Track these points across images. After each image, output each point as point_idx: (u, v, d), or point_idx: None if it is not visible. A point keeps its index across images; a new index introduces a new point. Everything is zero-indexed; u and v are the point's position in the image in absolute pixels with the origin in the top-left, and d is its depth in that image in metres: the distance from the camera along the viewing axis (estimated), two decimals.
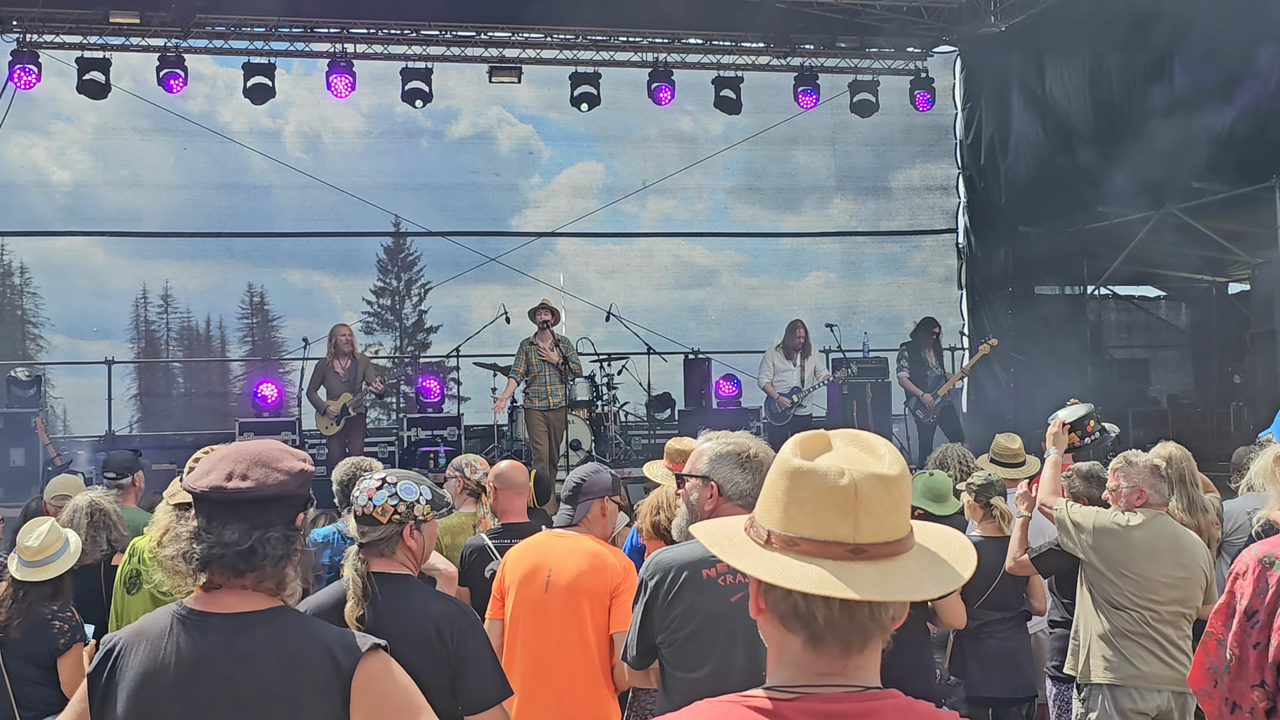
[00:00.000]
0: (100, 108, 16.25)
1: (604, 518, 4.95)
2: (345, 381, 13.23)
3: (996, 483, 6.86)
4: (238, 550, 2.61)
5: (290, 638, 2.64)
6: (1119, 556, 5.74)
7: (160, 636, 2.62)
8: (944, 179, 19.50)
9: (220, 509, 2.64)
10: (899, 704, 1.79)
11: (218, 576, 2.64)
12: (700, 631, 3.74)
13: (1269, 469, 3.24)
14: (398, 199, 17.75)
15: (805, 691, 1.77)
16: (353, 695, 2.59)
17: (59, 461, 12.82)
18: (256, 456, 2.70)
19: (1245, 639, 2.89)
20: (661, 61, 17.50)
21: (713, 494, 3.81)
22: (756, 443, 3.97)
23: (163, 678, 2.58)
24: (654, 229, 19.39)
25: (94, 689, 2.64)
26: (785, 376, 14.12)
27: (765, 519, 1.80)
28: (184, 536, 2.66)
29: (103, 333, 17.49)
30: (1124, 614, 5.73)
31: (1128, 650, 5.71)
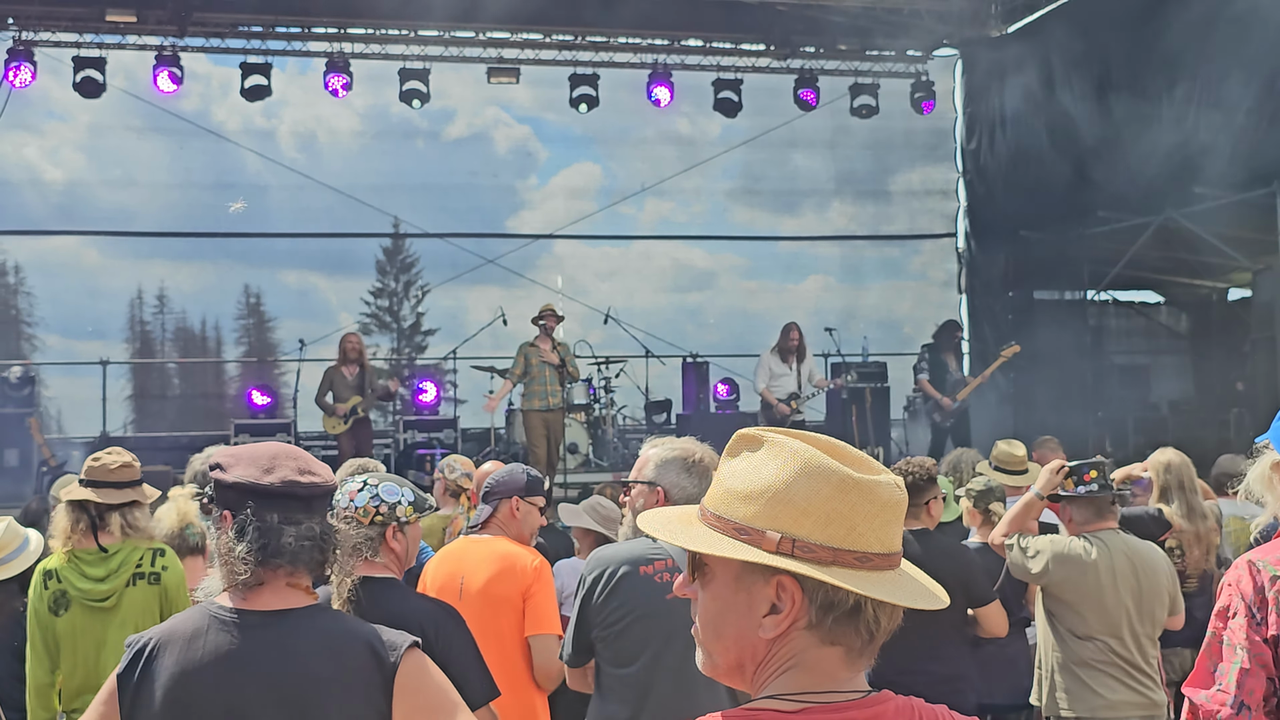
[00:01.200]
0: (93, 106, 16.20)
1: (514, 518, 4.87)
2: (353, 387, 13.43)
3: (996, 489, 6.80)
4: (312, 542, 2.67)
5: (332, 634, 2.66)
6: (1081, 585, 5.46)
7: (197, 634, 2.61)
8: (944, 183, 19.47)
9: (294, 504, 2.66)
10: (898, 705, 1.77)
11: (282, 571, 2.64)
12: (633, 627, 3.80)
13: (1266, 475, 3.17)
14: (394, 199, 17.72)
15: (811, 701, 1.73)
16: (396, 691, 2.60)
17: (53, 462, 12.77)
18: (300, 455, 2.75)
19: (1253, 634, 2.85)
20: (661, 63, 17.45)
21: (659, 499, 3.85)
22: (702, 447, 4.02)
23: (204, 674, 2.57)
24: (652, 231, 19.38)
25: (124, 688, 2.61)
26: (782, 381, 14.01)
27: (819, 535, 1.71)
28: (250, 533, 2.64)
29: (97, 333, 17.46)
30: (1089, 643, 5.48)
31: (1094, 681, 5.47)
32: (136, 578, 4.72)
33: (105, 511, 4.80)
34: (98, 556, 4.73)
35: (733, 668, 1.79)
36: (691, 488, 3.88)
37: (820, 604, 1.71)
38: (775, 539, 1.70)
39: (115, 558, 4.73)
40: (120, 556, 4.73)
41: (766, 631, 1.73)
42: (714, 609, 1.78)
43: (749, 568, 1.73)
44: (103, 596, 4.69)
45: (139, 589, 4.72)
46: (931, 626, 5.36)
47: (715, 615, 1.78)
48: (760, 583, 1.73)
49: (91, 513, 4.80)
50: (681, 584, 1.83)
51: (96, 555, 4.73)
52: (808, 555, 1.69)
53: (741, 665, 1.78)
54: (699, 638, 1.81)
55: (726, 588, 1.76)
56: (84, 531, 4.78)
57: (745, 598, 1.74)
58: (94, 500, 4.78)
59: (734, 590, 1.75)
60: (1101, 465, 5.63)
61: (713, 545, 1.74)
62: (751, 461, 1.78)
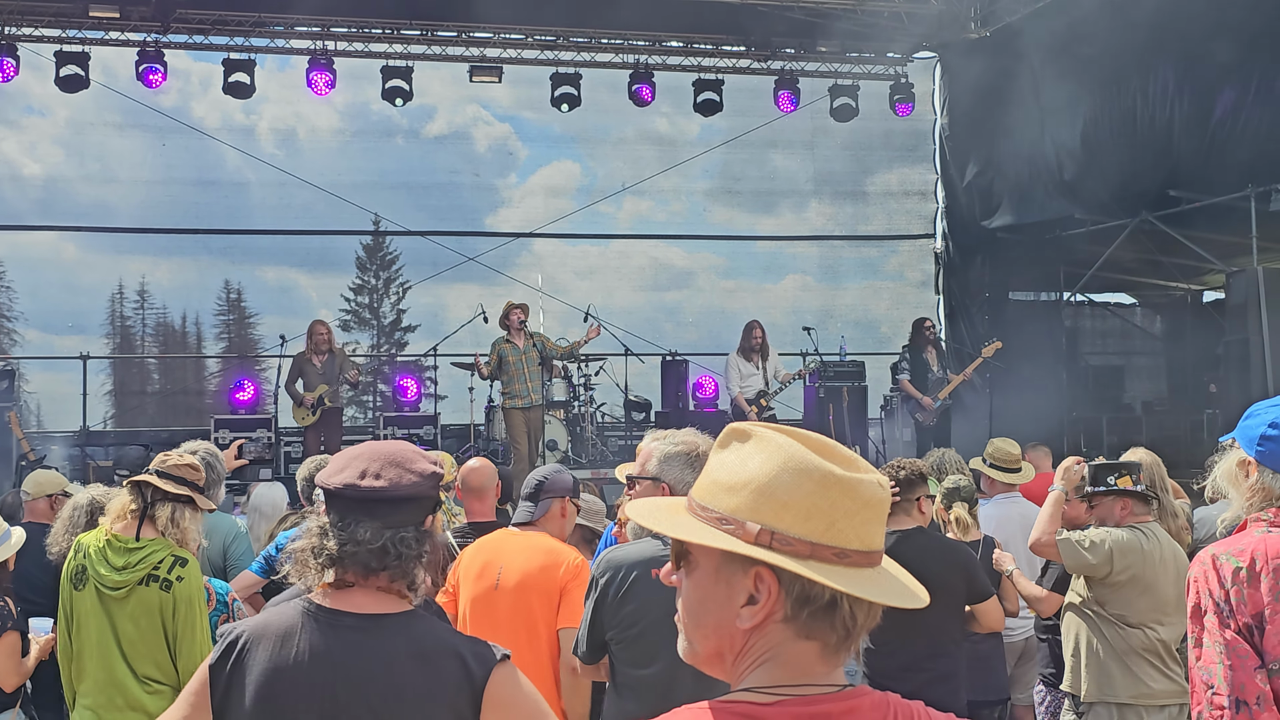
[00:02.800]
0: (71, 102, 16.19)
1: (563, 518, 4.91)
2: (322, 375, 13.37)
3: (964, 489, 6.89)
4: (370, 549, 2.61)
5: (425, 642, 2.64)
6: (1141, 574, 5.57)
7: (291, 632, 2.61)
8: (922, 184, 19.59)
9: (354, 507, 2.64)
10: (874, 700, 1.78)
11: (349, 574, 2.64)
12: (650, 630, 3.76)
13: (1232, 472, 3.26)
14: (375, 197, 17.73)
15: (786, 694, 1.75)
16: (485, 704, 2.60)
17: (32, 457, 12.77)
18: (391, 457, 2.70)
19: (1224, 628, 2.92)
20: (642, 63, 17.52)
21: (664, 494, 3.82)
22: (705, 440, 3.97)
23: (296, 673, 2.57)
24: (630, 230, 19.40)
25: (216, 679, 2.62)
26: (751, 381, 14.05)
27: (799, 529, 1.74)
28: (314, 532, 2.67)
29: (77, 328, 17.43)
30: (1137, 632, 5.60)
31: (1139, 668, 5.58)
32: (150, 579, 4.70)
33: (158, 501, 4.81)
34: (125, 546, 4.73)
35: (712, 656, 1.82)
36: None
37: (796, 597, 1.73)
38: (755, 530, 1.73)
39: (139, 553, 4.72)
40: (144, 554, 4.73)
41: (744, 622, 1.75)
42: (695, 597, 1.82)
43: (729, 558, 1.75)
44: (114, 586, 4.69)
45: (150, 590, 4.70)
46: (936, 625, 5.45)
47: (696, 603, 1.82)
48: (739, 573, 1.75)
49: (146, 499, 4.82)
50: (667, 572, 1.87)
51: (125, 545, 4.73)
52: (785, 548, 1.72)
53: (721, 654, 1.81)
54: (681, 624, 1.84)
55: (707, 577, 1.79)
56: (133, 515, 4.79)
57: (725, 588, 1.77)
58: (153, 484, 4.80)
59: (714, 580, 1.78)
60: (1135, 468, 5.74)
61: (694, 534, 1.78)
62: (739, 454, 1.82)
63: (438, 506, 2.77)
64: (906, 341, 14.81)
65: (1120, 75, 14.60)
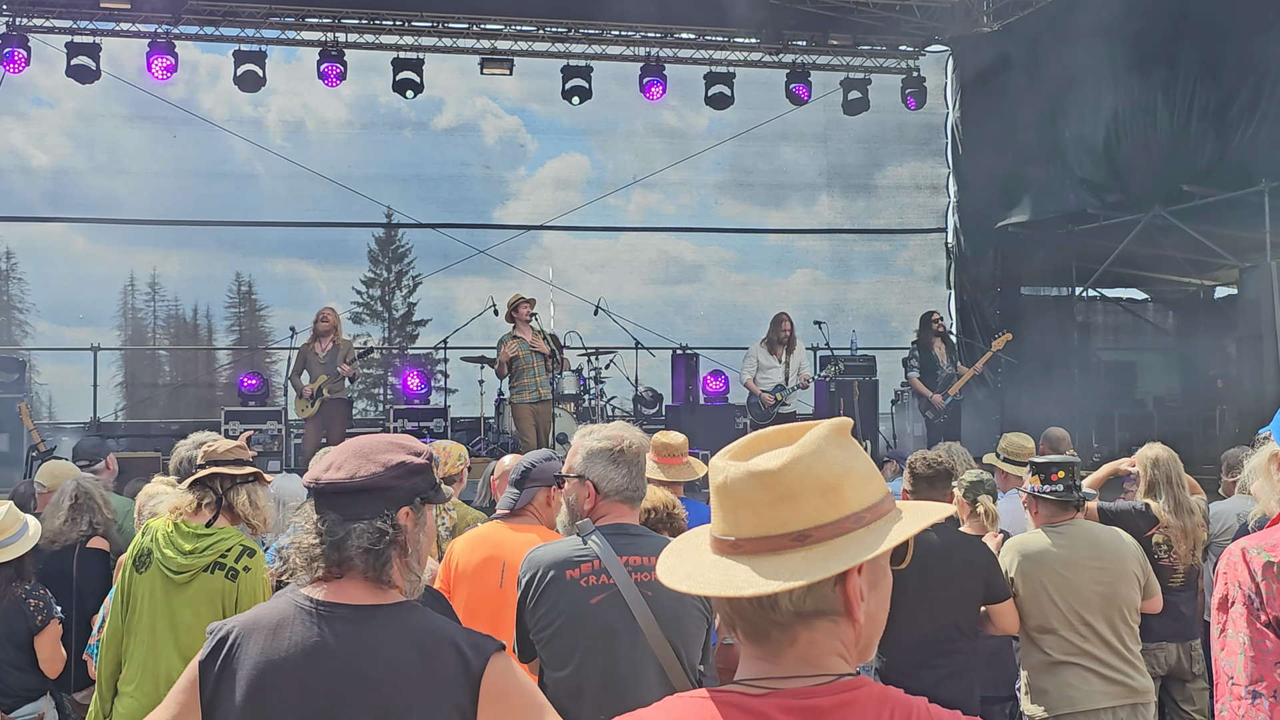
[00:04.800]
0: (79, 93, 16.19)
1: (549, 507, 4.75)
2: (324, 364, 13.16)
3: (986, 482, 6.85)
4: (331, 541, 2.59)
5: (419, 633, 2.61)
6: (1039, 577, 5.53)
7: (281, 625, 2.58)
8: (934, 178, 19.55)
9: (320, 501, 2.64)
10: (871, 692, 1.76)
11: (329, 568, 2.61)
12: (562, 632, 3.73)
13: (1264, 466, 3.22)
14: (384, 189, 17.74)
15: (775, 686, 1.75)
16: (482, 693, 2.57)
17: (43, 447, 12.76)
18: (359, 449, 2.68)
19: (1254, 620, 2.89)
20: (654, 56, 17.50)
21: (589, 492, 3.83)
22: (632, 433, 3.95)
23: (287, 665, 2.54)
24: (639, 223, 19.38)
25: (206, 675, 2.59)
26: (770, 374, 13.96)
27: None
28: (299, 528, 2.66)
29: (88, 319, 17.43)
30: (1053, 636, 5.54)
31: (1065, 675, 5.52)
32: (216, 566, 4.66)
33: (230, 489, 4.79)
34: (195, 531, 4.69)
35: None
36: (620, 479, 3.84)
37: None
38: None
39: (207, 539, 4.69)
40: (213, 540, 4.69)
41: None
42: None
43: None
44: (179, 569, 4.64)
45: (214, 578, 4.66)
46: (952, 622, 5.42)
47: None
48: None
49: (218, 490, 4.78)
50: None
51: (194, 530, 4.69)
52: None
53: None
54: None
55: None
56: (207, 507, 4.76)
57: None
58: (224, 474, 4.77)
59: None
60: (1071, 466, 5.68)
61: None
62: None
63: (421, 498, 2.71)
64: (915, 337, 14.75)
65: (1133, 69, 14.54)
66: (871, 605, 1.80)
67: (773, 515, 1.75)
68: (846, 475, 1.77)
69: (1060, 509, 5.65)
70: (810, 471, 1.76)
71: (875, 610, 1.81)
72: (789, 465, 1.76)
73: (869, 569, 1.78)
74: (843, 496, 1.76)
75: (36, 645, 5.64)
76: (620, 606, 3.61)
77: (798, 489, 1.75)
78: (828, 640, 1.77)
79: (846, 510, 1.75)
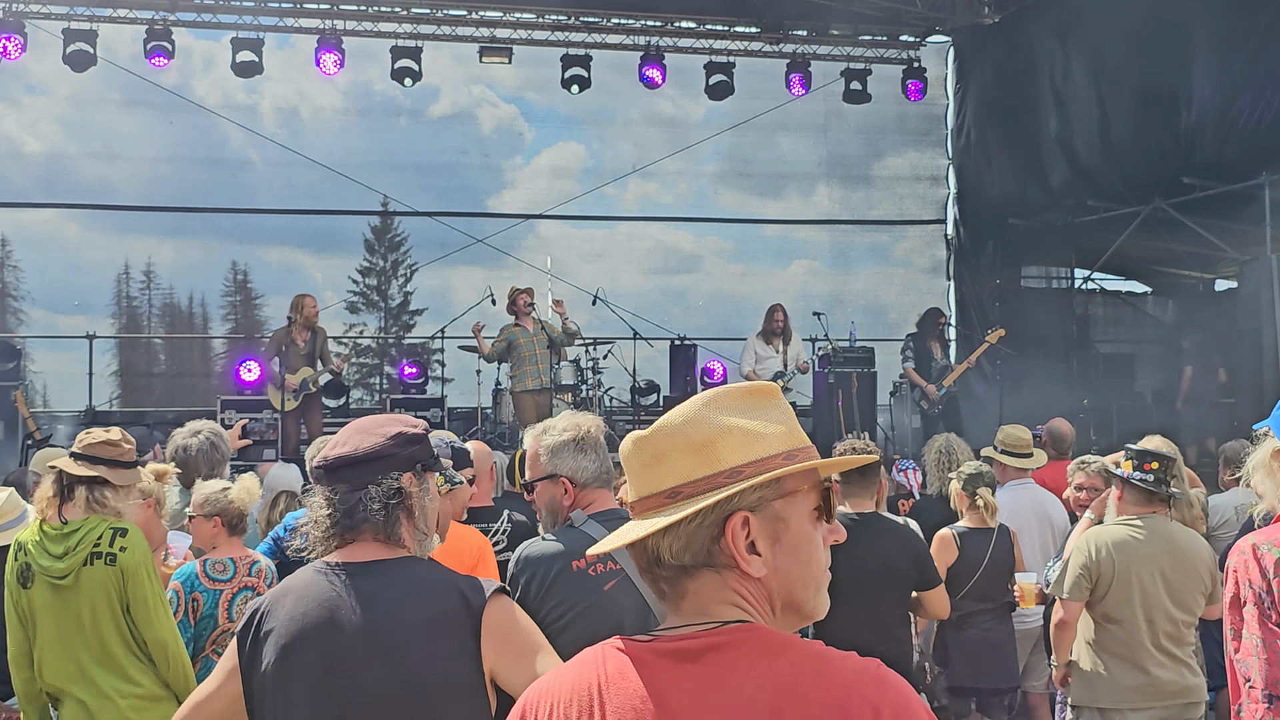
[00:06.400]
0: (72, 79, 16.10)
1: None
2: (305, 355, 12.97)
3: (986, 474, 6.83)
4: (342, 510, 2.84)
5: (423, 580, 2.85)
6: (1120, 566, 5.51)
7: (303, 589, 2.82)
8: (934, 169, 19.51)
9: (331, 475, 2.88)
10: (759, 636, 1.79)
11: (343, 535, 2.86)
12: (577, 621, 3.72)
13: (1266, 461, 3.19)
14: (380, 177, 17.65)
15: (662, 633, 1.83)
16: (483, 631, 2.78)
17: (38, 436, 12.75)
18: (360, 426, 2.95)
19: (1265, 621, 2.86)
20: (653, 45, 17.44)
21: (565, 488, 3.78)
22: (584, 419, 3.92)
23: (306, 623, 2.76)
24: (635, 213, 19.32)
25: (241, 645, 2.83)
26: (768, 364, 13.99)
27: None
28: (313, 505, 2.91)
29: (83, 307, 17.38)
30: (1119, 627, 5.53)
31: (1118, 669, 5.52)
32: (94, 557, 4.61)
33: (74, 484, 4.72)
34: (59, 532, 4.63)
35: None
36: (592, 465, 3.81)
37: None
38: None
39: (74, 535, 4.63)
40: (80, 534, 4.63)
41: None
42: None
43: None
44: (60, 574, 4.59)
45: (96, 569, 4.61)
46: (879, 606, 5.41)
47: None
48: None
49: (63, 483, 4.74)
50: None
51: (59, 531, 4.64)
52: None
53: None
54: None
55: None
56: (53, 502, 4.72)
57: None
58: (65, 470, 4.72)
59: None
60: (1168, 461, 5.63)
61: None
62: None
63: (422, 465, 2.95)
64: (913, 329, 14.75)
65: (1134, 60, 14.51)
66: (781, 560, 1.83)
67: (651, 476, 1.84)
68: (723, 434, 1.82)
69: (1145, 499, 5.61)
70: (678, 433, 1.84)
71: (786, 565, 1.84)
72: (658, 428, 1.86)
73: (765, 522, 1.82)
74: (716, 453, 1.82)
75: None
76: (631, 589, 3.61)
77: (666, 448, 1.84)
78: (716, 590, 1.82)
79: (720, 466, 1.81)
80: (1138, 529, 5.54)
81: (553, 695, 1.88)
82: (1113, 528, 5.64)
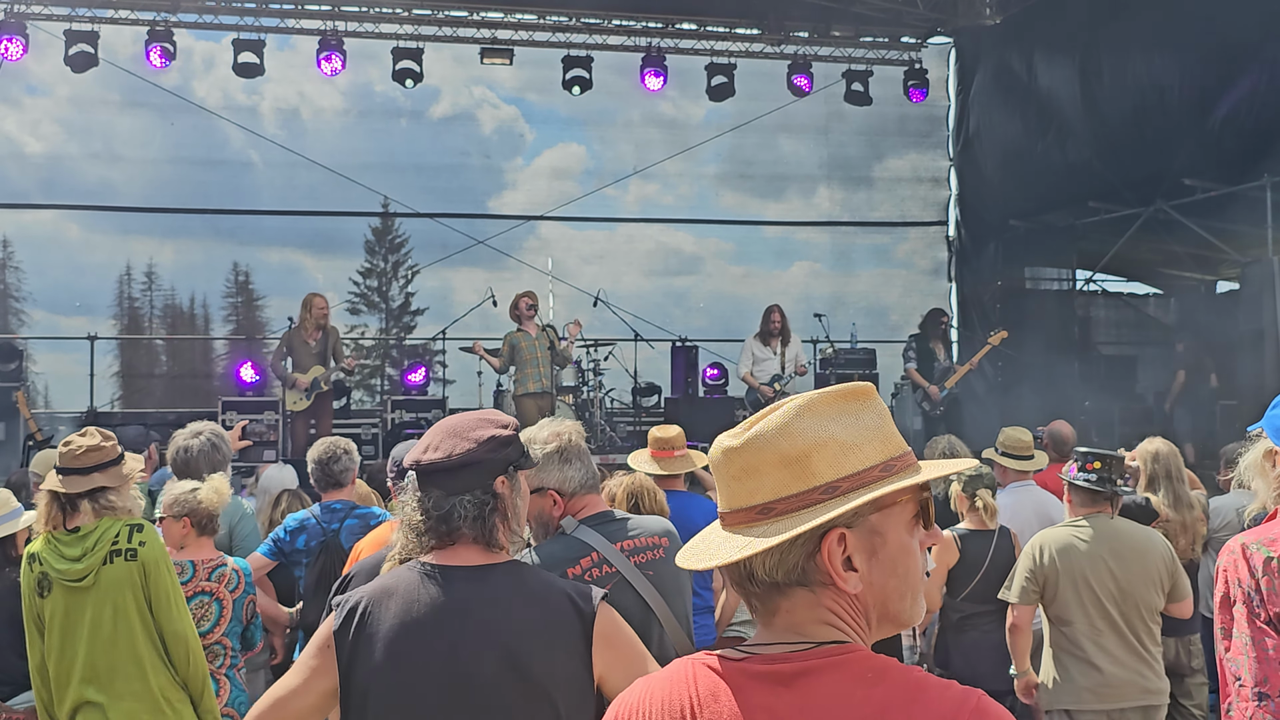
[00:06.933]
0: (72, 80, 16.10)
1: None
2: (316, 354, 12.86)
3: (986, 476, 6.82)
4: (436, 515, 2.84)
5: (535, 585, 2.87)
6: (1060, 567, 5.56)
7: (410, 590, 2.80)
8: (936, 170, 19.51)
9: (423, 479, 2.87)
10: (853, 659, 1.75)
11: (433, 538, 2.86)
12: None
13: (1258, 463, 3.21)
14: (381, 178, 17.66)
15: (755, 651, 1.79)
16: (595, 638, 2.81)
17: (39, 436, 12.74)
18: (452, 429, 2.92)
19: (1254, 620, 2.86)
20: (654, 46, 17.45)
21: (555, 500, 3.72)
22: (564, 425, 3.84)
23: (421, 624, 2.75)
24: (636, 214, 19.32)
25: (341, 643, 2.78)
26: (765, 365, 13.95)
27: None
28: (407, 506, 2.91)
29: (85, 308, 17.39)
30: (1070, 628, 5.58)
31: (1076, 670, 5.55)
32: (113, 555, 4.65)
33: (76, 499, 4.73)
34: (73, 536, 4.67)
35: None
36: (578, 474, 3.75)
37: None
38: None
39: (90, 536, 4.66)
40: (96, 535, 4.66)
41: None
42: None
43: None
44: (79, 576, 4.61)
45: (117, 566, 4.65)
46: None
47: None
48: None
49: (62, 500, 4.74)
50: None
51: (72, 535, 4.68)
52: None
53: None
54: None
55: None
56: (56, 517, 4.72)
57: None
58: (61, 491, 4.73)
59: None
60: (1110, 459, 5.67)
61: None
62: None
63: (514, 466, 2.94)
64: (915, 330, 14.74)
65: (1136, 61, 14.51)
66: (877, 575, 1.78)
67: (741, 489, 1.80)
68: (817, 446, 1.77)
69: (1090, 499, 5.66)
70: (770, 445, 1.77)
71: (881, 579, 1.79)
72: (750, 440, 1.79)
73: (862, 537, 1.77)
74: (810, 468, 1.76)
75: None
76: (629, 592, 3.60)
77: (758, 462, 1.78)
78: (809, 609, 1.78)
79: (815, 482, 1.75)
80: (1082, 529, 5.60)
81: (645, 712, 1.85)
82: (1057, 530, 5.71)
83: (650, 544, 3.82)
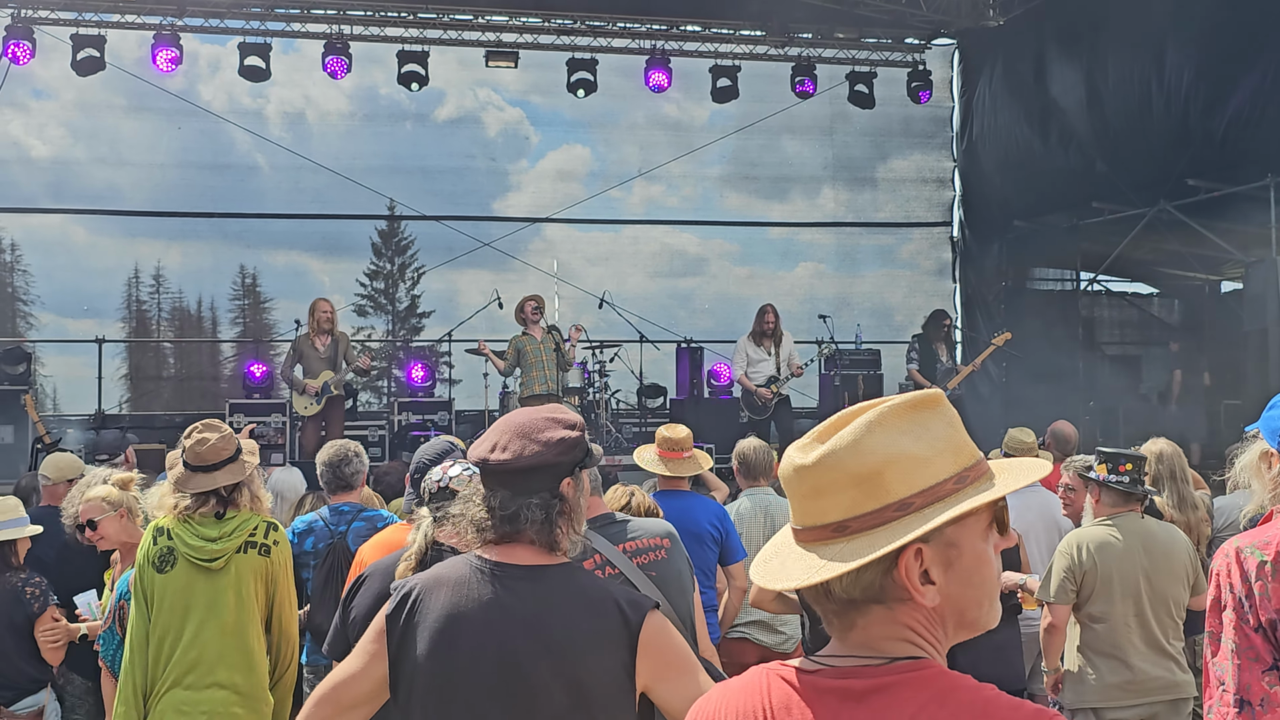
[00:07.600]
0: (79, 84, 16.17)
1: None
2: (325, 359, 12.95)
3: None
4: (503, 515, 2.82)
5: (587, 591, 2.86)
6: (1103, 566, 5.63)
7: (462, 583, 2.80)
8: (940, 171, 19.52)
9: (489, 478, 2.87)
10: (926, 676, 1.74)
11: (494, 534, 2.85)
12: None
13: (1254, 464, 3.23)
14: (387, 181, 17.67)
15: (829, 664, 1.80)
16: (640, 647, 2.78)
17: (48, 440, 12.77)
18: (521, 428, 2.88)
19: (1243, 625, 2.88)
20: (659, 49, 17.48)
21: None
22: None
23: (471, 617, 2.76)
24: (641, 215, 19.32)
25: (392, 628, 2.80)
26: (761, 367, 13.95)
27: None
28: (471, 499, 2.90)
29: (93, 311, 17.45)
30: (1104, 626, 5.64)
31: (1105, 667, 5.63)
32: (249, 545, 4.74)
33: (234, 491, 4.81)
34: (214, 520, 4.73)
35: None
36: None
37: None
38: None
39: (230, 523, 4.73)
40: (236, 522, 4.74)
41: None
42: None
43: None
44: (213, 557, 4.65)
45: (250, 557, 4.74)
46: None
47: None
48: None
49: (223, 494, 4.79)
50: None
51: (212, 521, 4.73)
52: None
53: None
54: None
55: None
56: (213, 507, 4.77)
57: None
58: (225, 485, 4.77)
59: None
60: (1140, 460, 5.76)
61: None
62: None
63: (580, 467, 2.92)
64: (919, 330, 14.76)
65: (1139, 62, 14.52)
66: (953, 586, 1.77)
67: (814, 507, 1.79)
68: (889, 463, 1.75)
69: (1123, 500, 5.74)
70: (840, 464, 1.76)
71: (958, 590, 1.78)
72: (822, 458, 1.77)
73: (938, 550, 1.75)
74: (883, 485, 1.74)
75: (36, 630, 5.67)
76: None
77: (828, 483, 1.77)
78: (884, 626, 1.77)
79: (888, 499, 1.74)
80: (1116, 529, 5.68)
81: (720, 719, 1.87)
82: (1092, 529, 5.77)
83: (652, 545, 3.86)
